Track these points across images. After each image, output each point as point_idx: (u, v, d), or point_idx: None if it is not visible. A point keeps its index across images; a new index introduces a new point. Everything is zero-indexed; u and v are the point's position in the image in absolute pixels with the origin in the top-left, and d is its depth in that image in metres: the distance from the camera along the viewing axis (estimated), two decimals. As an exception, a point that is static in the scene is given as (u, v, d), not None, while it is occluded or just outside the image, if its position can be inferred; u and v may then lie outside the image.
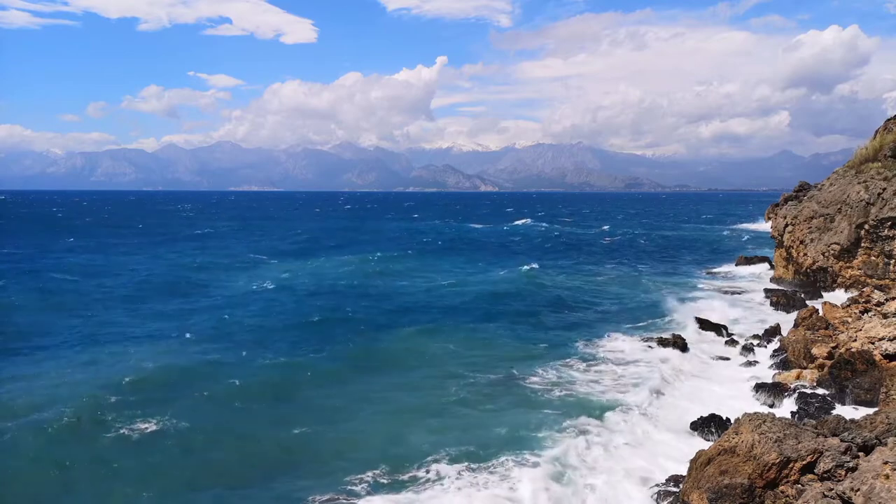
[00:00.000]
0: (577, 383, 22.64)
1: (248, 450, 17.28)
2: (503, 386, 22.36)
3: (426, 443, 17.20)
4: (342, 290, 42.30)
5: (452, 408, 20.21)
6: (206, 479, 15.64)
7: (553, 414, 19.66)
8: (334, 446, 17.37)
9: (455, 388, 21.86)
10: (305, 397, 21.36)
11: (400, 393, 21.67)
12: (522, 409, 20.06)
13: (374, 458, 16.35)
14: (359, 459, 16.38)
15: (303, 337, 29.03)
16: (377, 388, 22.07)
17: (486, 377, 23.17)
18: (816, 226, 37.15)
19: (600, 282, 45.95)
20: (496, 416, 19.52)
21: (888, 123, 39.20)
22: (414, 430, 18.16)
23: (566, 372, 23.95)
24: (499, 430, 18.19)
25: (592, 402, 20.82)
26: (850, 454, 12.26)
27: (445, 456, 16.41)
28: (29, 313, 33.62)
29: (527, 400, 21.01)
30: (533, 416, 19.30)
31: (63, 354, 25.69)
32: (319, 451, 17.20)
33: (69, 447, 17.02)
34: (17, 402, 20.02)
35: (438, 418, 19.26)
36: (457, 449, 16.78)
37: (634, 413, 19.82)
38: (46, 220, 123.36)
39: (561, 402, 20.88)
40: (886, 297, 24.54)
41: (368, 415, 19.62)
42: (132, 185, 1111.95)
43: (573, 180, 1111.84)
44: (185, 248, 70.66)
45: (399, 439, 17.64)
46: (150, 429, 18.20)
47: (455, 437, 17.66)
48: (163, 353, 25.92)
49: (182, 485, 15.33)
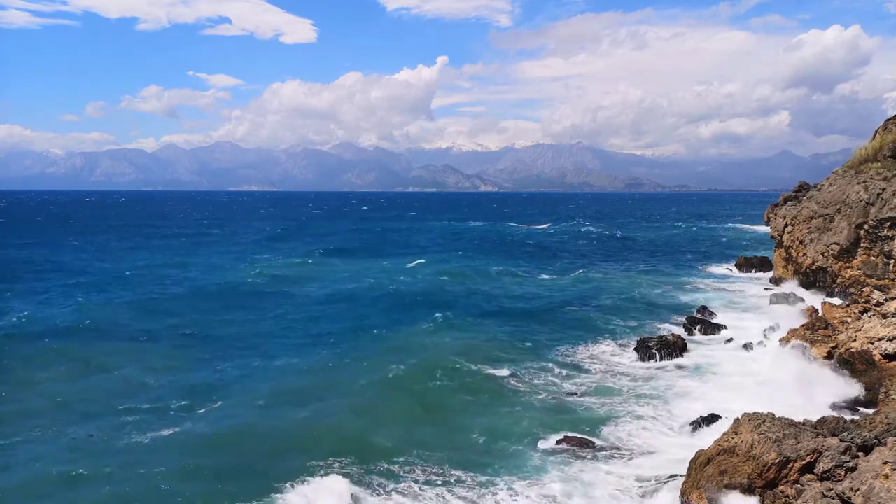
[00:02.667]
0: (578, 383, 22.65)
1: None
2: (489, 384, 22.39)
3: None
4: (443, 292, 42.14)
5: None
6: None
7: (551, 413, 19.69)
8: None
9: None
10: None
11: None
12: (521, 409, 20.10)
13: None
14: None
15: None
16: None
17: (479, 372, 23.22)
18: (816, 226, 37.13)
19: (600, 282, 45.95)
20: (497, 413, 19.55)
21: (888, 123, 39.12)
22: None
23: (566, 371, 23.96)
24: (498, 427, 18.25)
25: (592, 403, 20.84)
26: (850, 454, 12.27)
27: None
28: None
29: (526, 398, 21.03)
30: (528, 414, 19.34)
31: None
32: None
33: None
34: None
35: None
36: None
37: (634, 413, 19.85)
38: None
39: (557, 400, 20.89)
40: (886, 297, 24.53)
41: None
42: (132, 185, 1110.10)
43: (573, 180, 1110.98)
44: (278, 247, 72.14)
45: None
46: (171, 425, 18.28)
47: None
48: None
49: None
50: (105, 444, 17.56)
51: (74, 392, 21.80)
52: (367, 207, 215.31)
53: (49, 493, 15.01)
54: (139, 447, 17.30)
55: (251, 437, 17.98)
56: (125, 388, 22.28)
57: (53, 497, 14.89)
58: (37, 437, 18.03)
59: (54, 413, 19.81)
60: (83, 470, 15.87)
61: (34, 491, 15.09)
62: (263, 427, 18.68)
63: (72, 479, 15.51)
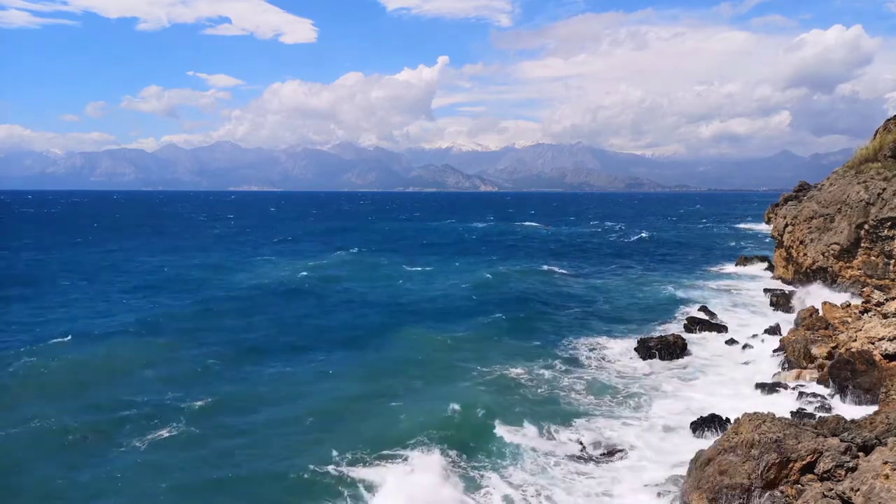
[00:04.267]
0: (577, 382, 22.64)
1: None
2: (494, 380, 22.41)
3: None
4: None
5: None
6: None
7: (550, 412, 19.69)
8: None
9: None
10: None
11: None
12: (520, 408, 20.08)
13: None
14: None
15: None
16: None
17: (489, 371, 23.24)
18: (816, 226, 37.14)
19: (600, 281, 45.96)
20: (495, 408, 19.57)
21: (888, 123, 39.11)
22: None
23: (565, 370, 23.95)
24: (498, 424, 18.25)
25: (591, 402, 20.83)
26: (850, 454, 12.26)
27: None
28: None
29: (525, 398, 21.02)
30: (529, 413, 19.33)
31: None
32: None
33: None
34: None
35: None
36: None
37: (634, 413, 19.85)
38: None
39: (560, 401, 20.89)
40: (886, 297, 24.53)
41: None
42: (132, 185, 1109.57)
43: (573, 180, 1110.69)
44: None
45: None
46: (163, 424, 18.29)
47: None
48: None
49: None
50: (107, 443, 17.57)
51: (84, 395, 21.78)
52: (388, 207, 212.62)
53: (49, 493, 15.02)
54: (140, 448, 17.31)
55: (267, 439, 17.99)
56: (146, 387, 22.27)
57: (54, 496, 14.90)
58: (36, 437, 17.98)
59: (55, 411, 19.81)
60: (95, 471, 15.89)
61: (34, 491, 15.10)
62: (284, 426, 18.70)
63: (76, 484, 15.52)
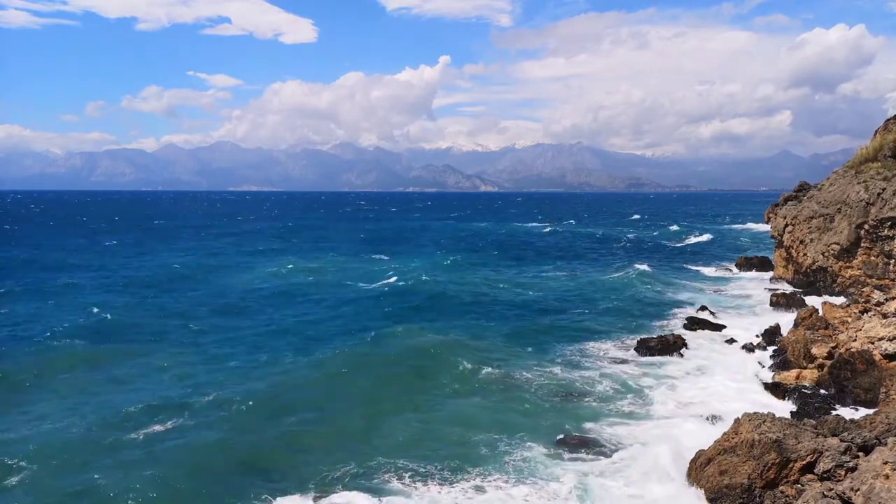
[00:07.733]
0: (577, 382, 22.64)
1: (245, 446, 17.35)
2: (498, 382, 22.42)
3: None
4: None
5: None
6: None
7: (550, 412, 19.69)
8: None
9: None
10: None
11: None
12: (521, 407, 20.10)
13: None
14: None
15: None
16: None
17: (486, 371, 23.24)
18: (816, 226, 37.15)
19: (600, 281, 45.96)
20: (499, 409, 19.58)
21: (888, 123, 39.12)
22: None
23: (565, 370, 23.96)
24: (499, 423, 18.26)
25: (591, 402, 20.83)
26: (850, 454, 12.27)
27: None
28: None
29: (525, 399, 21.02)
30: (530, 413, 19.34)
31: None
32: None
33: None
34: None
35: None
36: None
37: (634, 413, 19.85)
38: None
39: (559, 401, 20.89)
40: (886, 297, 24.53)
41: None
42: (132, 185, 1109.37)
43: (573, 180, 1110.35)
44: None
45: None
46: (158, 429, 18.32)
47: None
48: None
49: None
50: (108, 441, 17.58)
51: (88, 393, 21.80)
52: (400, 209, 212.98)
53: (47, 493, 15.03)
54: (141, 448, 17.32)
55: (248, 446, 18.00)
56: (143, 387, 22.29)
57: (52, 496, 14.91)
58: (36, 435, 18.03)
59: (57, 408, 19.84)
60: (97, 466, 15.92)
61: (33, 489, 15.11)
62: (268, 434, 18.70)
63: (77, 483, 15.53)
